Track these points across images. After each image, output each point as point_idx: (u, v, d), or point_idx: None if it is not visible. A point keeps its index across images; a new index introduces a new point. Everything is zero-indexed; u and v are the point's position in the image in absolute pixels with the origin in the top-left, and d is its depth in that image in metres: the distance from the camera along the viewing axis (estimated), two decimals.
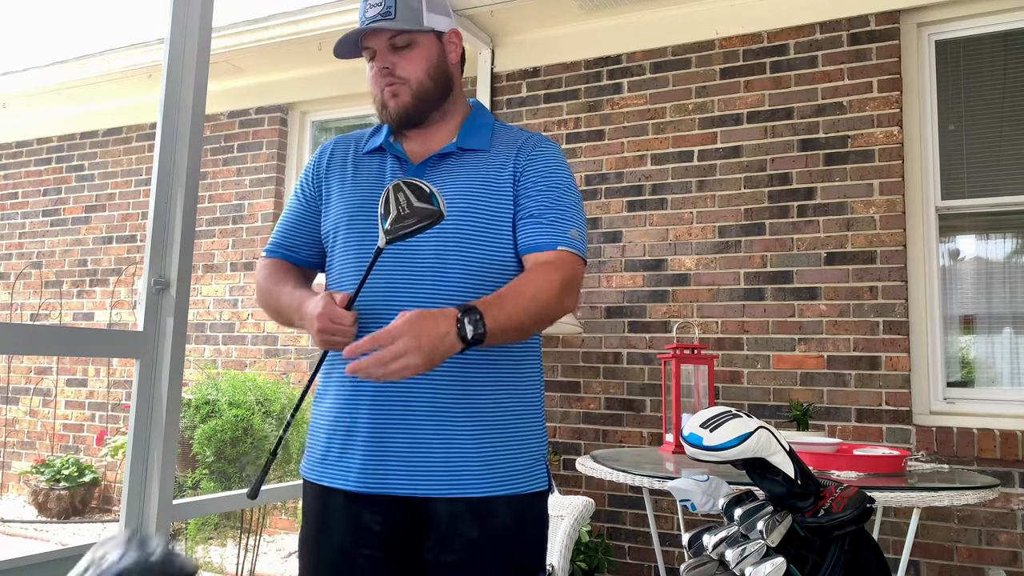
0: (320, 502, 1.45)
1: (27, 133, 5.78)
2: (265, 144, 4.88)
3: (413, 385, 1.35)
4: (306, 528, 1.48)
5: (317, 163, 1.58)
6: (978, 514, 2.99)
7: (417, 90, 1.47)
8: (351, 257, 1.45)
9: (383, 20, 1.44)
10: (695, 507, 1.65)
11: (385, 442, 1.37)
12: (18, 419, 5.51)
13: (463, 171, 1.46)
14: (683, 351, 2.94)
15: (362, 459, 1.38)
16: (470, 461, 1.36)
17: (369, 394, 1.39)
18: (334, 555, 1.41)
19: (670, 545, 3.41)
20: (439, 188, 1.31)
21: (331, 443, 1.44)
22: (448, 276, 1.39)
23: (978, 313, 3.28)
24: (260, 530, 3.72)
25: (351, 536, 1.39)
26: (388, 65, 1.47)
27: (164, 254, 2.13)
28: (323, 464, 1.44)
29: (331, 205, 1.51)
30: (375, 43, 1.48)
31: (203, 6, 2.20)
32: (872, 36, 3.34)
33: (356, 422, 1.40)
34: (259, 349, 4.77)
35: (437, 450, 1.36)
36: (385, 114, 1.50)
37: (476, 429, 1.38)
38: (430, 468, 1.35)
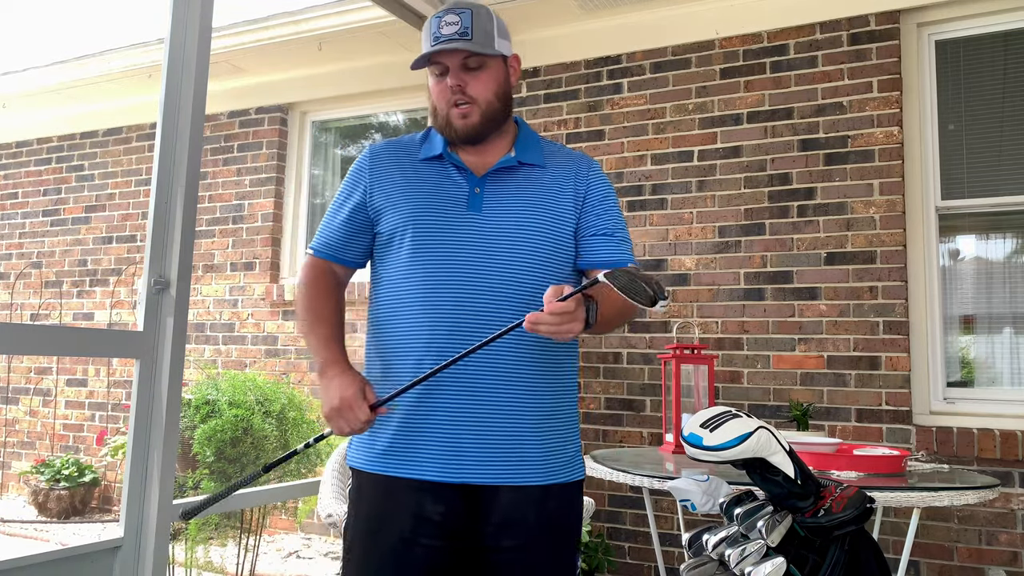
0: (381, 492, 1.51)
1: (27, 133, 5.78)
2: (265, 144, 4.88)
3: (485, 380, 1.47)
4: (360, 518, 1.53)
5: (366, 168, 1.63)
6: (978, 514, 2.99)
7: (486, 110, 1.56)
8: (417, 259, 1.53)
9: (460, 40, 1.51)
10: (695, 507, 1.65)
11: (459, 434, 1.47)
12: (18, 419, 5.51)
13: (525, 185, 1.58)
14: (683, 351, 2.94)
15: (436, 450, 1.47)
16: (533, 451, 1.50)
17: (445, 390, 1.47)
18: (393, 544, 1.47)
19: (670, 545, 3.41)
20: (503, 199, 1.53)
21: (401, 435, 1.50)
22: (516, 285, 1.51)
23: (978, 313, 3.28)
24: (260, 530, 3.72)
25: (411, 525, 1.46)
26: (460, 83, 1.54)
27: (164, 254, 2.13)
28: (388, 455, 1.51)
29: (390, 209, 1.57)
30: (449, 60, 1.54)
31: (203, 6, 2.20)
32: (872, 36, 3.34)
33: (431, 416, 1.48)
34: (259, 349, 4.77)
35: (506, 441, 1.48)
36: (450, 130, 1.57)
37: (538, 421, 1.51)
38: (499, 458, 1.47)
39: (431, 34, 1.54)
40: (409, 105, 4.67)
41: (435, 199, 1.55)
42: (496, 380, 1.48)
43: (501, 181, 1.57)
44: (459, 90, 1.54)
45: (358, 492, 1.56)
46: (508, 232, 1.51)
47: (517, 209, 1.54)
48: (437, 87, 1.57)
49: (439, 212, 1.53)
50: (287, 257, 4.86)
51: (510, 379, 1.49)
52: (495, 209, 1.54)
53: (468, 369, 1.46)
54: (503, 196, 1.54)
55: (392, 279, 1.56)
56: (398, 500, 1.48)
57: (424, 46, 1.57)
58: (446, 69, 1.55)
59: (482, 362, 1.46)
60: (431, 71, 1.58)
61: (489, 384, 1.48)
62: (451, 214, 1.53)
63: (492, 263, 1.50)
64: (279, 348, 4.71)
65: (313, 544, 4.46)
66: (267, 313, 4.76)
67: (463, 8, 1.53)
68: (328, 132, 4.98)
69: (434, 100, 1.58)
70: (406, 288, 1.53)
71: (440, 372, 1.42)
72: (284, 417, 3.68)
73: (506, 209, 1.54)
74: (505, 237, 1.51)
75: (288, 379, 4.57)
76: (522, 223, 1.53)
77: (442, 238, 1.51)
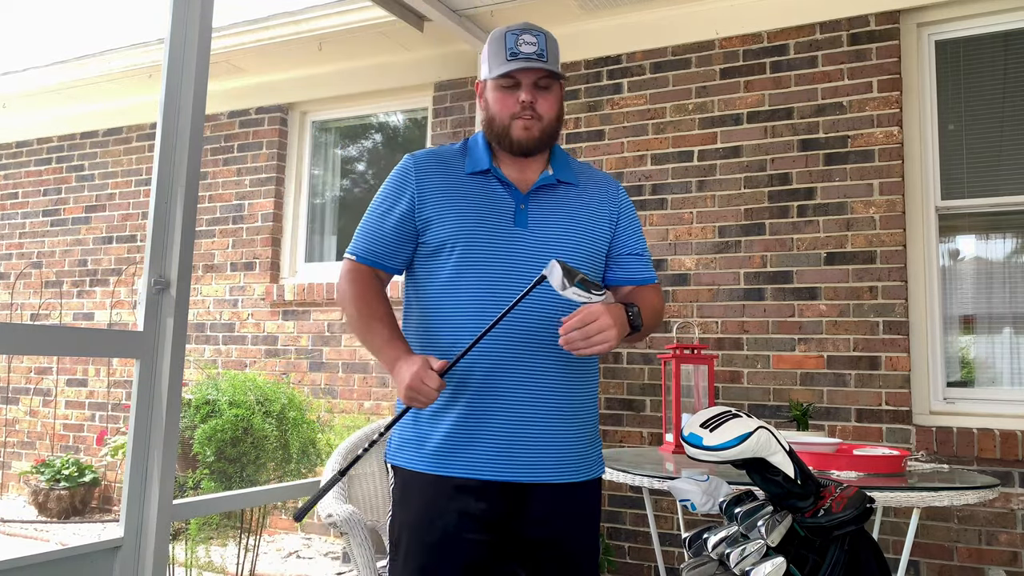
0: (428, 491, 1.59)
1: (27, 133, 5.78)
2: (265, 144, 4.88)
3: (534, 384, 1.59)
4: (407, 516, 1.62)
5: (412, 178, 1.69)
6: (978, 514, 2.99)
7: (546, 127, 1.67)
8: (466, 271, 1.62)
9: (538, 61, 1.63)
10: (695, 507, 1.65)
11: (510, 436, 1.58)
12: (18, 419, 5.51)
13: (564, 203, 1.70)
14: (683, 351, 2.94)
15: (487, 451, 1.57)
16: (574, 450, 1.64)
17: (498, 395, 1.58)
18: (438, 539, 1.57)
19: (670, 545, 3.41)
20: (546, 216, 1.66)
21: (452, 438, 1.59)
22: (552, 302, 1.59)
23: (978, 313, 3.28)
24: (260, 530, 3.72)
25: (455, 521, 1.56)
26: (532, 100, 1.64)
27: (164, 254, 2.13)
28: (438, 456, 1.59)
29: (439, 221, 1.65)
30: (524, 77, 1.64)
31: (203, 6, 2.20)
32: (872, 36, 3.34)
33: (483, 419, 1.58)
34: (259, 349, 4.77)
35: (552, 441, 1.61)
36: (507, 140, 1.67)
37: (577, 422, 1.65)
38: (545, 457, 1.59)
39: (507, 49, 1.63)
40: (409, 105, 4.67)
41: (484, 213, 1.64)
42: (544, 384, 1.60)
43: (542, 198, 1.69)
44: (530, 106, 1.64)
45: (403, 491, 1.65)
46: (553, 248, 1.63)
47: (560, 227, 1.67)
48: (503, 99, 1.66)
49: (488, 226, 1.63)
50: (287, 257, 4.86)
51: (556, 383, 1.61)
52: (540, 225, 1.66)
53: (518, 373, 1.58)
54: (546, 213, 1.67)
55: (438, 290, 1.65)
56: (444, 499, 1.57)
57: (497, 59, 1.65)
58: (517, 84, 1.64)
59: (531, 366, 1.59)
60: (497, 83, 1.66)
61: (537, 388, 1.60)
62: (499, 229, 1.63)
63: (537, 271, 1.58)
64: (279, 348, 4.71)
65: (313, 544, 4.46)
66: (267, 313, 4.76)
67: (539, 31, 1.66)
68: (328, 132, 4.98)
69: (495, 110, 1.67)
70: (454, 299, 1.62)
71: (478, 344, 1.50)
72: (284, 417, 3.68)
73: (550, 226, 1.67)
74: (550, 253, 1.61)
75: (288, 379, 4.57)
76: (564, 240, 1.66)
77: (492, 251, 1.62)
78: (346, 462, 1.57)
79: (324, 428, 4.15)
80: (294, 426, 3.70)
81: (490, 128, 1.69)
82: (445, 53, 4.26)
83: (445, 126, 4.31)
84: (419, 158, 1.72)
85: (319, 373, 4.58)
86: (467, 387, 1.59)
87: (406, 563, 1.61)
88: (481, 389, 1.59)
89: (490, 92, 1.69)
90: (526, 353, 1.60)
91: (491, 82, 1.68)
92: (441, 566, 1.56)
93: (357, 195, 4.99)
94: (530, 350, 1.60)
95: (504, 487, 1.58)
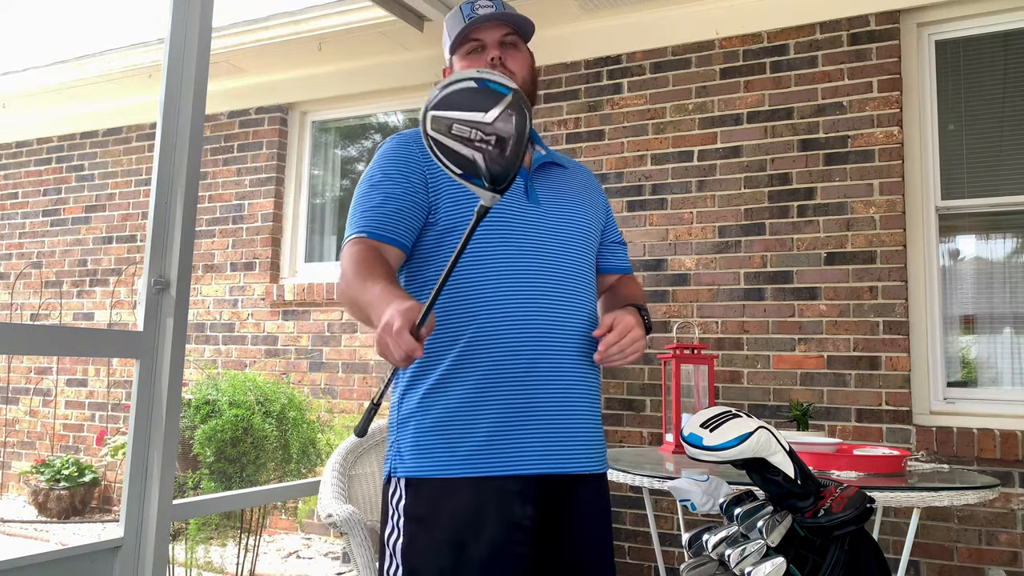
0: (465, 499, 1.40)
1: (27, 133, 5.78)
2: (265, 144, 4.88)
3: (575, 373, 1.50)
4: (436, 532, 1.39)
5: (414, 153, 1.52)
6: (978, 514, 2.99)
7: (521, 86, 1.52)
8: (488, 249, 1.49)
9: (500, 16, 1.54)
10: (695, 507, 1.65)
11: (557, 424, 1.47)
12: (18, 419, 5.51)
13: (564, 183, 1.61)
14: (683, 351, 2.94)
15: (537, 442, 1.44)
16: (599, 439, 1.57)
17: (543, 385, 1.46)
18: (483, 557, 1.37)
19: (670, 545, 3.41)
20: (553, 194, 1.56)
21: (497, 433, 1.42)
22: (577, 273, 1.54)
23: (978, 313, 3.28)
24: (260, 530, 3.72)
25: (503, 532, 1.39)
26: (499, 56, 1.54)
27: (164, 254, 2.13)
28: (479, 455, 1.41)
29: (451, 199, 1.49)
30: (487, 36, 1.55)
31: (203, 6, 2.20)
32: (872, 36, 3.34)
33: (529, 410, 1.45)
34: (259, 349, 4.77)
35: (586, 429, 1.52)
36: None
37: (596, 412, 1.58)
38: (583, 446, 1.50)
39: (464, 15, 1.54)
40: (409, 105, 4.67)
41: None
42: (578, 371, 1.51)
43: (544, 177, 1.60)
44: (499, 62, 1.54)
45: (429, 506, 1.41)
46: (568, 224, 1.55)
47: (569, 204, 1.59)
48: (472, 64, 1.55)
49: (504, 204, 1.48)
50: (287, 257, 4.86)
51: (586, 369, 1.53)
52: (551, 202, 1.56)
53: (556, 362, 1.48)
54: (552, 192, 1.58)
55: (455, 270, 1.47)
56: (487, 505, 1.39)
57: (455, 27, 1.55)
58: (482, 46, 1.55)
59: (567, 354, 1.49)
60: (462, 52, 1.56)
61: (573, 375, 1.50)
62: (515, 206, 1.51)
63: (559, 253, 1.52)
64: (279, 348, 4.71)
65: (313, 544, 4.46)
66: (267, 313, 4.76)
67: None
68: (328, 132, 4.98)
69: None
70: (473, 283, 1.46)
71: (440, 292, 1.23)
72: (284, 417, 3.68)
73: (560, 203, 1.57)
74: (563, 228, 1.54)
75: (288, 379, 4.57)
76: (576, 217, 1.58)
77: (511, 230, 1.49)
78: (381, 387, 1.32)
79: (324, 428, 4.15)
80: (294, 426, 3.70)
81: None
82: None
83: None
84: (415, 134, 1.55)
85: (319, 373, 4.58)
86: (503, 379, 1.44)
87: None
88: (520, 379, 1.44)
89: (457, 64, 1.59)
90: (562, 336, 1.49)
91: (456, 56, 1.58)
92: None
93: None
94: (565, 333, 1.49)
95: (547, 482, 1.45)
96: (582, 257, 1.58)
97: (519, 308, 1.46)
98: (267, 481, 3.59)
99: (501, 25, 1.55)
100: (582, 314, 1.54)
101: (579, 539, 1.51)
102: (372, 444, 2.63)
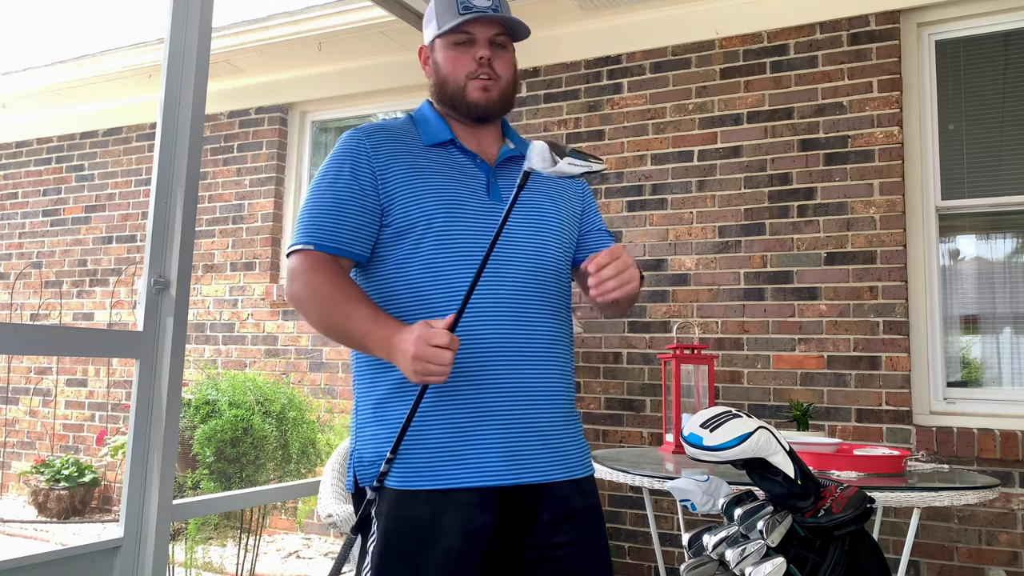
0: (424, 510, 1.37)
1: (27, 133, 5.78)
2: (265, 144, 4.88)
3: (531, 377, 1.44)
4: (394, 541, 1.37)
5: (366, 152, 1.47)
6: (978, 514, 2.99)
7: (504, 89, 1.53)
8: (448, 248, 1.43)
9: (496, 15, 1.49)
10: (695, 507, 1.65)
11: (514, 433, 1.42)
12: (18, 419, 5.51)
13: (538, 179, 1.50)
14: (683, 351, 2.94)
15: (493, 452, 1.39)
16: (573, 445, 1.53)
17: (492, 390, 1.41)
18: (441, 565, 1.34)
19: (670, 545, 3.41)
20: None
21: (450, 444, 1.39)
22: (545, 272, 1.50)
23: (978, 313, 3.28)
24: (260, 530, 3.72)
25: (460, 542, 1.35)
26: (488, 56, 1.50)
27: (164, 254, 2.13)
28: (434, 467, 1.38)
29: (407, 197, 1.44)
30: (479, 32, 1.51)
31: (203, 6, 2.20)
32: (872, 36, 3.34)
33: (483, 418, 1.40)
34: (259, 349, 4.77)
35: (555, 436, 1.48)
36: (463, 102, 1.51)
37: (570, 415, 1.54)
38: (552, 454, 1.46)
39: (458, 4, 1.49)
40: (409, 105, 4.67)
41: (457, 187, 1.46)
42: (540, 376, 1.46)
43: (510, 171, 1.54)
44: (487, 63, 1.50)
45: (388, 515, 1.38)
46: (532, 221, 1.50)
47: (537, 198, 1.54)
48: (457, 58, 1.51)
49: (464, 200, 1.45)
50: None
51: (550, 374, 1.48)
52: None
53: (514, 367, 1.42)
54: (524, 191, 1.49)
55: (409, 276, 1.44)
56: (445, 515, 1.36)
57: (448, 14, 1.50)
58: (472, 40, 1.50)
59: (526, 358, 1.44)
60: (448, 41, 1.52)
61: (534, 380, 1.45)
62: (475, 203, 1.46)
63: (520, 252, 1.47)
64: (279, 348, 4.71)
65: (313, 544, 4.46)
66: (267, 313, 4.76)
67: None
68: (328, 132, 4.98)
69: (448, 70, 1.51)
70: (432, 283, 1.42)
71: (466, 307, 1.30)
72: (284, 417, 3.68)
73: (526, 198, 1.50)
74: (531, 226, 1.50)
75: (288, 379, 4.57)
76: (545, 211, 1.54)
77: (472, 227, 1.43)
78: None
79: (324, 428, 4.15)
80: (294, 426, 3.70)
81: (442, 92, 1.53)
82: None
83: None
84: (367, 130, 1.51)
85: (319, 373, 4.58)
86: (456, 385, 1.39)
87: None
88: (474, 386, 1.40)
89: (440, 52, 1.53)
90: (521, 340, 1.43)
91: (441, 41, 1.52)
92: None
93: None
94: (524, 337, 1.44)
95: (511, 493, 1.40)
96: (548, 255, 1.51)
97: (473, 311, 1.37)
98: (267, 481, 3.59)
99: (495, 23, 1.51)
100: (545, 314, 1.48)
101: (552, 545, 1.43)
102: None
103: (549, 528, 1.43)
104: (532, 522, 1.42)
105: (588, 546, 1.48)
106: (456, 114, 1.54)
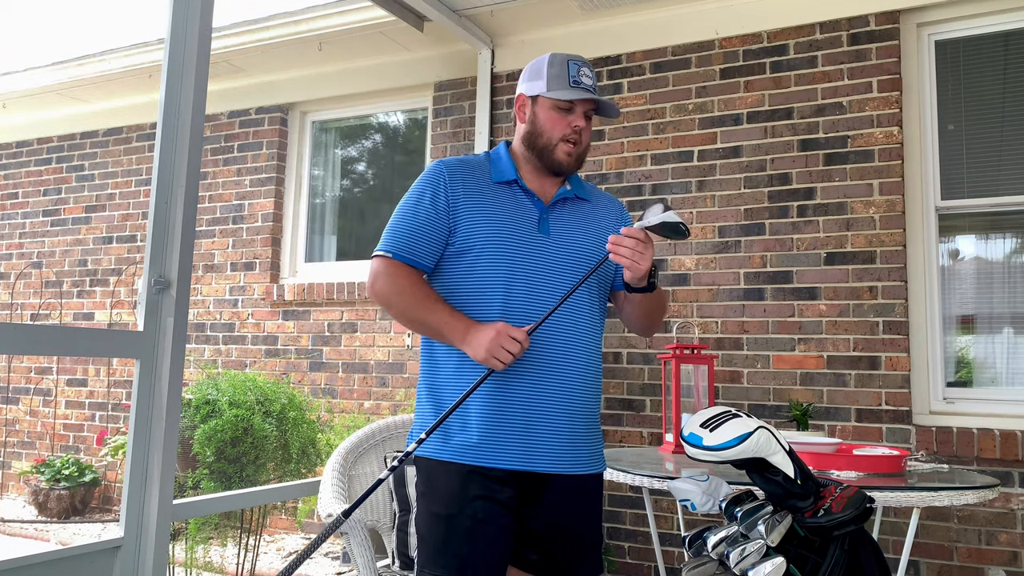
0: (455, 481, 1.68)
1: (27, 133, 5.78)
2: (265, 144, 4.88)
3: (557, 377, 1.73)
4: (436, 505, 1.70)
5: (445, 181, 1.78)
6: (978, 514, 2.99)
7: (582, 154, 1.84)
8: (495, 269, 1.74)
9: (595, 95, 1.80)
10: (695, 507, 1.65)
11: (535, 427, 1.70)
12: (18, 419, 5.51)
13: (580, 215, 1.86)
14: (683, 351, 2.95)
15: (515, 442, 1.69)
16: (588, 443, 1.79)
17: (519, 387, 1.70)
18: (468, 527, 1.66)
19: (670, 545, 3.41)
20: (566, 225, 1.82)
21: (481, 429, 1.69)
22: (588, 308, 1.80)
23: (978, 313, 3.28)
24: (260, 530, 3.72)
25: (484, 509, 1.66)
26: (582, 127, 1.81)
27: (164, 254, 2.13)
28: (468, 448, 1.69)
29: (470, 222, 1.76)
30: (579, 106, 1.80)
31: (203, 6, 2.20)
32: (872, 36, 3.34)
33: (511, 410, 1.70)
34: (259, 349, 4.77)
35: (571, 433, 1.74)
36: (550, 159, 1.81)
37: (591, 417, 1.80)
38: (566, 449, 1.73)
39: (570, 77, 1.78)
40: (409, 105, 4.67)
41: (511, 219, 1.77)
42: (568, 381, 1.74)
43: (562, 210, 1.84)
44: (579, 132, 1.80)
45: (428, 483, 1.73)
46: (573, 253, 1.79)
47: (578, 235, 1.83)
48: (557, 119, 1.79)
49: (515, 231, 1.76)
50: (287, 257, 4.86)
51: (577, 379, 1.75)
52: (561, 233, 1.80)
53: (546, 372, 1.71)
54: (566, 223, 1.82)
55: (463, 289, 1.76)
56: (475, 486, 1.67)
57: (559, 81, 1.77)
58: (571, 109, 1.79)
59: (559, 368, 1.73)
60: (555, 103, 1.78)
61: (563, 384, 1.73)
62: (525, 234, 1.77)
63: (561, 278, 1.75)
64: (279, 348, 4.71)
65: None
66: (267, 313, 4.76)
67: (589, 64, 1.83)
68: (328, 132, 4.98)
69: (546, 128, 1.80)
70: (479, 297, 1.74)
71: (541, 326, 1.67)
72: (284, 417, 3.67)
73: (570, 234, 1.82)
74: (570, 257, 1.78)
75: (288, 379, 4.57)
76: (583, 247, 1.81)
77: (517, 254, 1.74)
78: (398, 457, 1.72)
79: (324, 428, 4.15)
80: (294, 426, 3.70)
81: (532, 142, 1.81)
82: (445, 53, 4.26)
83: (445, 126, 4.31)
84: (449, 163, 1.82)
85: (319, 373, 4.58)
86: (494, 384, 1.69)
87: (439, 553, 1.67)
88: (506, 381, 1.70)
89: (543, 110, 1.80)
90: (555, 356, 1.72)
91: (547, 100, 1.79)
92: (474, 553, 1.64)
93: (357, 195, 4.99)
94: (559, 354, 1.73)
95: (526, 476, 1.69)
96: (587, 283, 1.77)
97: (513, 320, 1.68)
98: (267, 481, 3.59)
99: (592, 100, 1.80)
100: (580, 337, 1.76)
101: (562, 507, 1.73)
102: (372, 445, 2.63)
103: (552, 510, 1.73)
104: (540, 502, 1.72)
105: (578, 532, 1.77)
106: (538, 162, 1.83)
